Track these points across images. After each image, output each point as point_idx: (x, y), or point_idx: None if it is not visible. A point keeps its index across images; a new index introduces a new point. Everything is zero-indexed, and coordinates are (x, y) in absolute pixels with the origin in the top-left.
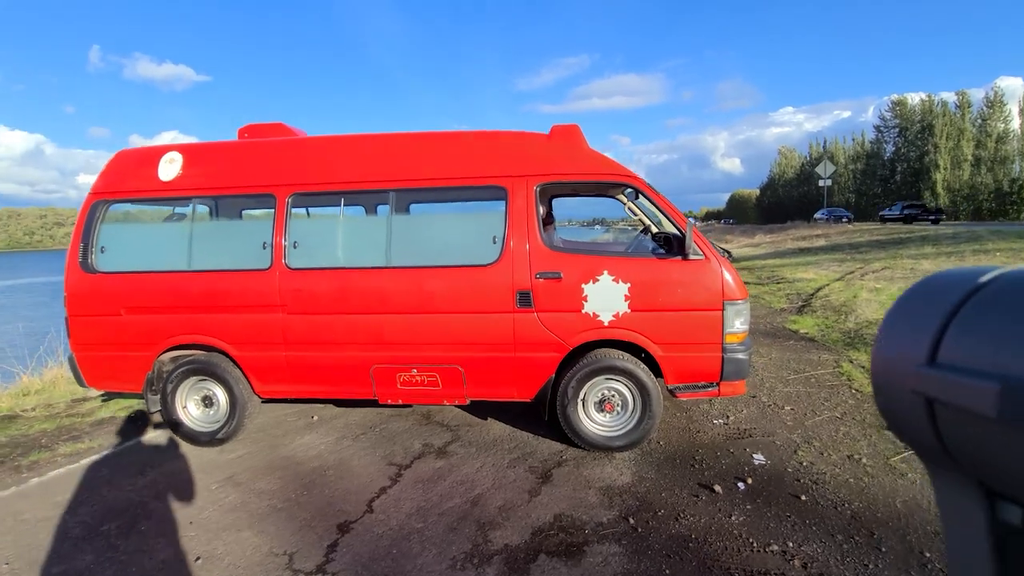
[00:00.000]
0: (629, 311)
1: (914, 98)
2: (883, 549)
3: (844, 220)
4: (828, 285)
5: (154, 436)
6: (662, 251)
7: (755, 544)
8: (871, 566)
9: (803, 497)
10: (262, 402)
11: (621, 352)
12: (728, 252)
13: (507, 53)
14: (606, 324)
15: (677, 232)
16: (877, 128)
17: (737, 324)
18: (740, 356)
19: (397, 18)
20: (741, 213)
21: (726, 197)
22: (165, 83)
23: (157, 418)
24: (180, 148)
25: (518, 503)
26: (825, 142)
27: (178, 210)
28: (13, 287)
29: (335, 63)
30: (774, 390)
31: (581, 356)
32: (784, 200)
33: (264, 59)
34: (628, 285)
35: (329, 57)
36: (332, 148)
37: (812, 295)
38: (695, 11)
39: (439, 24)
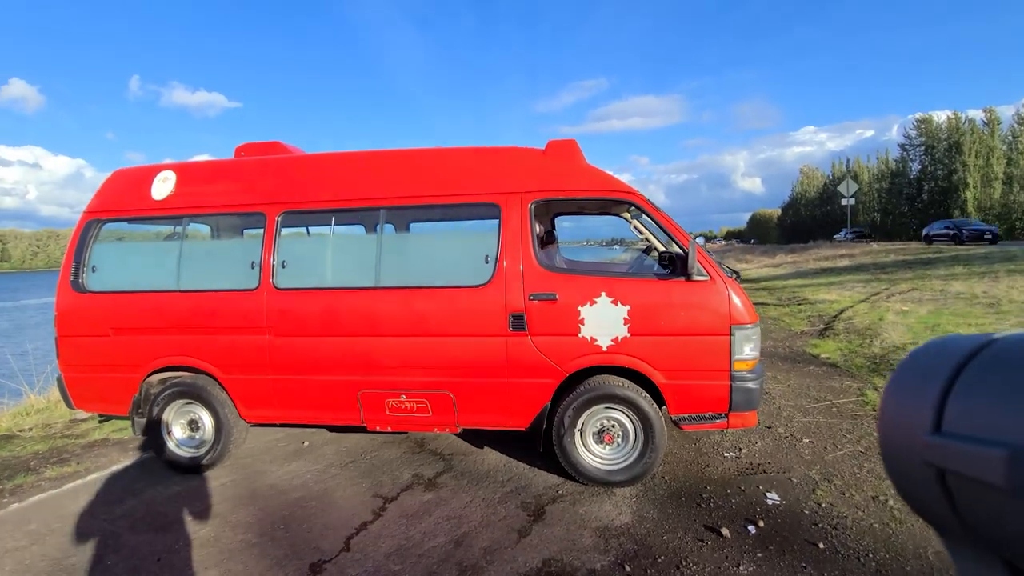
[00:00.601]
0: (629, 335)
1: (940, 116)
2: None
3: (859, 237)
4: (852, 307)
5: (140, 461)
6: (664, 271)
7: None
8: None
9: (821, 545)
10: (252, 427)
11: (621, 379)
12: (736, 273)
13: (526, 76)
14: (604, 349)
15: (680, 251)
16: (902, 146)
17: (746, 350)
18: (750, 385)
19: (419, 43)
20: (762, 233)
21: (746, 217)
22: (198, 109)
23: (146, 440)
24: (174, 167)
25: (505, 544)
26: (848, 161)
27: (178, 229)
28: (48, 304)
29: (359, 87)
30: (792, 420)
31: (579, 383)
32: (806, 220)
33: (292, 85)
34: (628, 308)
35: (354, 82)
36: (322, 166)
37: (835, 317)
38: (713, 35)
39: (460, 49)
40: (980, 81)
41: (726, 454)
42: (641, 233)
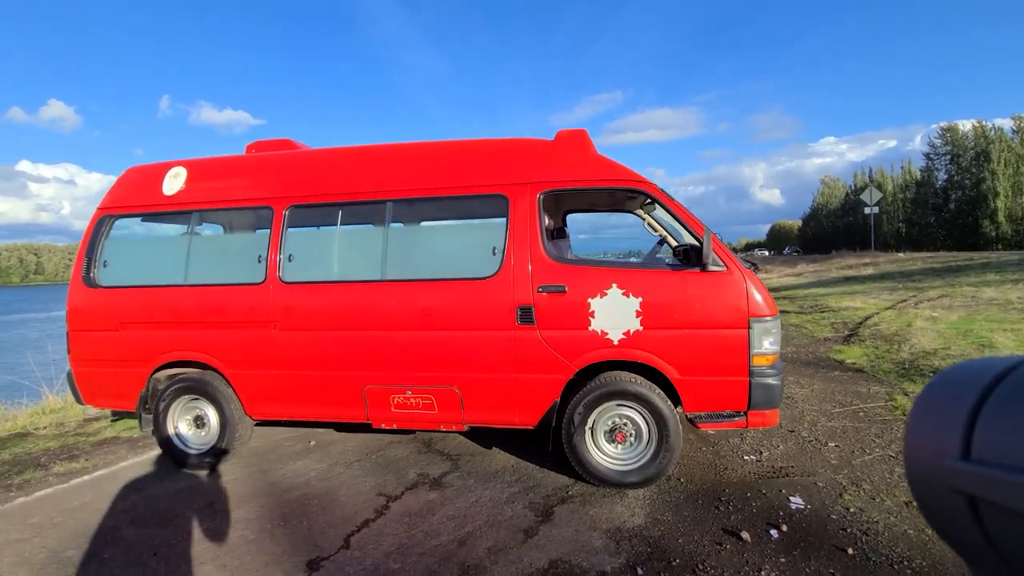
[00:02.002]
0: (641, 329)
1: (965, 125)
2: None
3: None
4: (878, 314)
5: (147, 458)
6: (678, 263)
7: None
8: None
9: (850, 550)
10: (258, 424)
11: (634, 375)
12: (754, 264)
13: (541, 90)
14: (616, 343)
15: (695, 241)
16: (927, 155)
17: (766, 344)
18: (770, 381)
19: (434, 59)
20: (782, 245)
21: (766, 229)
22: (225, 127)
23: (155, 439)
24: (186, 163)
25: (511, 544)
26: (871, 171)
27: (187, 224)
28: None
29: (376, 101)
30: (816, 424)
31: (589, 379)
32: (828, 231)
33: (312, 101)
34: (640, 300)
35: (371, 96)
36: (330, 160)
37: (860, 324)
38: (728, 46)
39: (475, 64)
40: (1005, 89)
41: (746, 457)
42: (656, 230)
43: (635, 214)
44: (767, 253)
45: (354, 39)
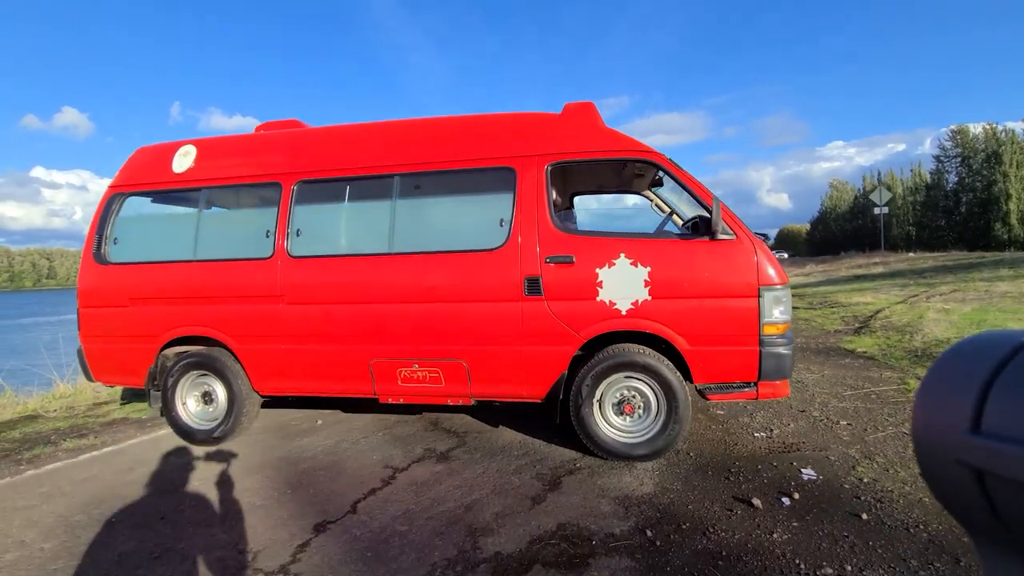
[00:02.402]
0: (649, 298)
1: (976, 127)
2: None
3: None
4: (889, 307)
5: (155, 436)
6: (687, 232)
7: (803, 566)
8: None
9: (864, 516)
10: (265, 406)
11: (642, 347)
12: (765, 235)
13: (547, 95)
14: (624, 313)
15: (704, 211)
16: (937, 158)
17: (776, 313)
18: (781, 351)
19: (440, 62)
20: (791, 249)
21: (774, 232)
22: (234, 132)
23: (163, 418)
24: (195, 142)
25: (518, 510)
26: (880, 174)
27: (197, 200)
28: None
29: (377, 102)
30: (827, 405)
31: (598, 351)
32: (837, 234)
33: (313, 102)
34: (648, 269)
35: (372, 96)
36: (337, 136)
37: (871, 317)
38: (735, 51)
39: (478, 66)
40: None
41: (756, 434)
42: (664, 211)
43: (643, 195)
44: (785, 256)
45: (355, 40)
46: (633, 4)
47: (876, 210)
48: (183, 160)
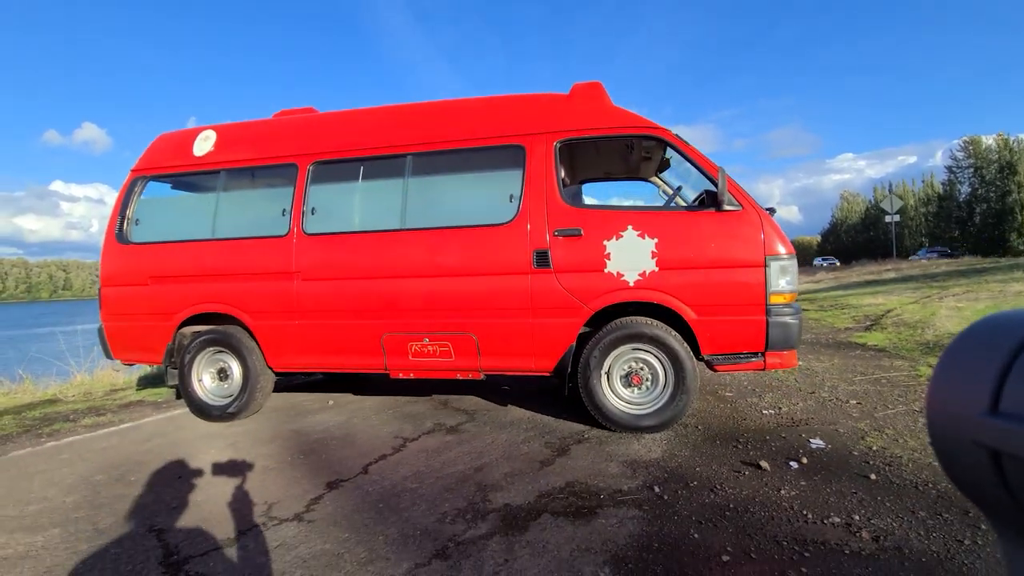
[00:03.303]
0: (657, 269)
1: (988, 139)
2: (984, 528)
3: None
4: (900, 307)
5: (171, 415)
6: (694, 205)
7: (810, 516)
8: (967, 542)
9: (873, 476)
10: (276, 391)
11: (650, 319)
12: (772, 209)
13: None
14: (631, 284)
15: (710, 184)
16: (949, 169)
17: (782, 283)
18: (788, 320)
19: (450, 75)
20: (802, 261)
21: None
22: None
23: (180, 401)
24: (215, 127)
25: (527, 471)
26: (891, 185)
27: (216, 181)
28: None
29: (377, 98)
30: (836, 388)
31: (606, 323)
32: (849, 246)
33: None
34: (655, 240)
35: (374, 96)
36: (351, 119)
37: (882, 316)
38: (742, 65)
39: (491, 81)
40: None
41: (764, 411)
42: (670, 196)
43: (650, 181)
44: (837, 263)
45: (370, 54)
46: (643, 22)
47: (887, 218)
48: (203, 144)
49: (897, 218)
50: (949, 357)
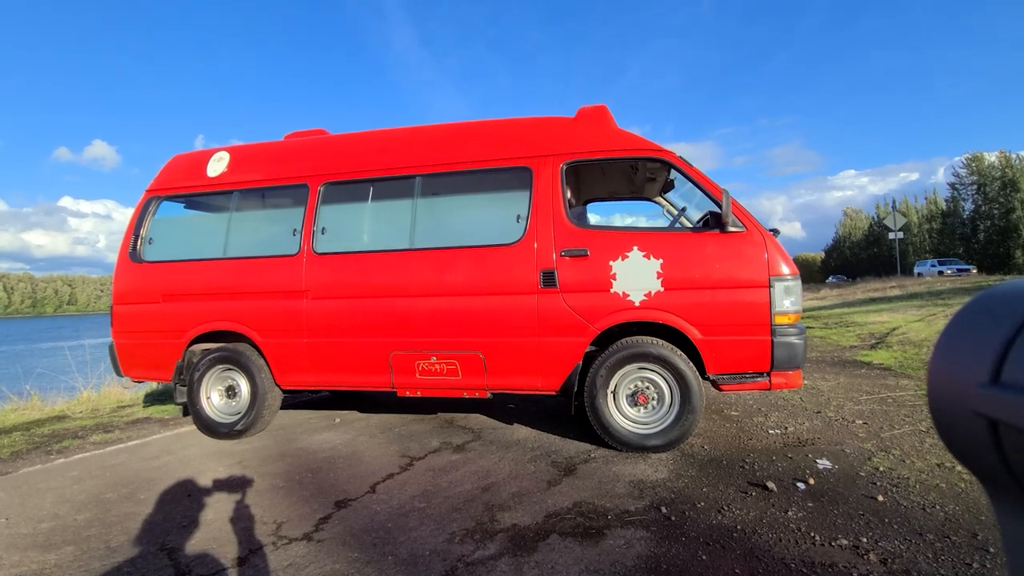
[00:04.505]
0: (662, 289)
1: (990, 156)
2: (992, 551)
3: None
4: (906, 325)
5: (178, 432)
6: (699, 226)
7: (818, 538)
8: (975, 565)
9: (880, 498)
10: (283, 408)
11: (655, 338)
12: (776, 230)
13: None
14: (637, 304)
15: (714, 205)
16: (952, 186)
17: (787, 303)
18: (793, 340)
19: (457, 99)
20: (806, 277)
21: None
22: None
23: (187, 418)
24: (228, 149)
25: (534, 491)
26: (894, 202)
27: (229, 202)
28: (105, 344)
29: (384, 119)
30: (842, 407)
31: (612, 343)
32: (853, 262)
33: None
34: (660, 261)
35: (381, 118)
36: (361, 140)
37: (887, 334)
38: (744, 85)
39: (496, 103)
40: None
41: (770, 431)
42: (674, 217)
43: (655, 201)
44: (846, 278)
45: (378, 76)
46: (645, 45)
47: (891, 235)
48: (217, 165)
49: (901, 235)
50: (952, 328)
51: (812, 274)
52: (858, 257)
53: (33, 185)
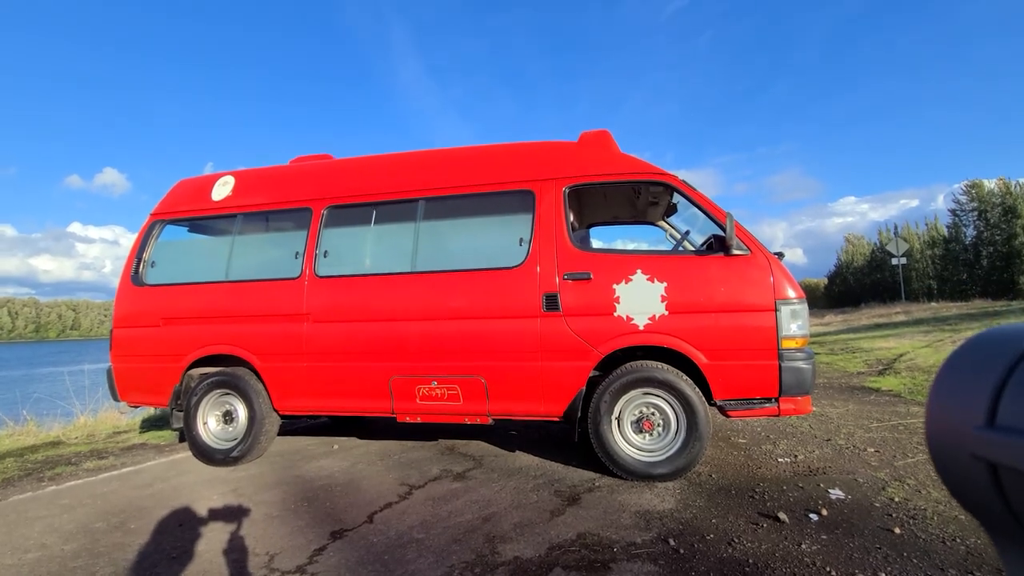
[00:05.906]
0: (667, 313)
1: (990, 182)
2: None
3: None
4: (913, 351)
5: (173, 459)
6: (703, 249)
7: (834, 573)
8: None
9: (897, 530)
10: (280, 434)
11: (660, 363)
12: (781, 253)
13: None
14: (641, 328)
15: (718, 229)
16: (953, 212)
17: (794, 327)
18: (801, 365)
19: (461, 126)
20: (809, 303)
21: None
22: None
23: (183, 445)
24: (233, 173)
25: (537, 521)
26: (896, 228)
27: (232, 225)
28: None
29: (390, 145)
30: (853, 435)
31: (616, 368)
32: (856, 288)
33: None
34: (664, 284)
35: (387, 143)
36: (365, 165)
37: (894, 360)
38: (743, 114)
39: (500, 131)
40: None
41: (780, 460)
42: (678, 240)
43: (658, 225)
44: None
45: (384, 104)
46: (647, 75)
47: (894, 261)
48: (222, 189)
49: (904, 261)
50: (947, 371)
51: (815, 300)
52: (861, 283)
53: (43, 210)
